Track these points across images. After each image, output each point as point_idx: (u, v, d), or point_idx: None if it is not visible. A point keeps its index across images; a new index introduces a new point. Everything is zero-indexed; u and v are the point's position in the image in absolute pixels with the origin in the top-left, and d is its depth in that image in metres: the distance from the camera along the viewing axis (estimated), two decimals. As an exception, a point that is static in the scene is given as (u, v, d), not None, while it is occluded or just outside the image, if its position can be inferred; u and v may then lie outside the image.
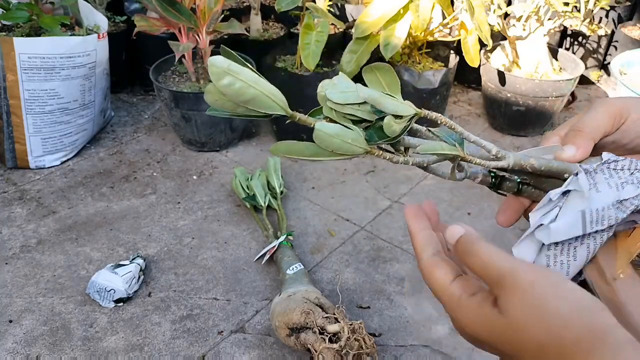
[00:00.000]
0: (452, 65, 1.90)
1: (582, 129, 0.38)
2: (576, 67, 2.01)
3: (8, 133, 1.64)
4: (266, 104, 0.33)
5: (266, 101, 0.33)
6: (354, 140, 0.35)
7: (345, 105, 0.35)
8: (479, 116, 2.20)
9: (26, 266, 1.34)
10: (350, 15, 2.33)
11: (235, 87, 0.32)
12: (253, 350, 1.14)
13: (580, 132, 0.38)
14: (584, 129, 0.38)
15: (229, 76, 0.31)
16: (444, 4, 1.72)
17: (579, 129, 0.39)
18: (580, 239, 0.33)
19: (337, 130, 0.34)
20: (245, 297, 1.28)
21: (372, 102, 0.35)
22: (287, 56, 1.92)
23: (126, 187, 1.66)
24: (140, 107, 2.14)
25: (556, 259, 0.33)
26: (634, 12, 2.65)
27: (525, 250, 0.34)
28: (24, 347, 1.13)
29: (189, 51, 1.72)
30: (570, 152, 0.38)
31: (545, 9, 1.89)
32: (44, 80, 1.58)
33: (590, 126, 0.38)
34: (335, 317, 1.04)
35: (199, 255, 1.40)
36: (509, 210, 0.42)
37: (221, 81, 0.31)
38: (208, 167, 1.77)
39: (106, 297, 1.22)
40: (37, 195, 1.60)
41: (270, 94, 0.33)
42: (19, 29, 1.73)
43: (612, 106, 0.39)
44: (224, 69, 0.31)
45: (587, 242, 0.33)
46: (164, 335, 1.17)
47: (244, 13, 2.27)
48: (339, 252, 1.42)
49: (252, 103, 0.33)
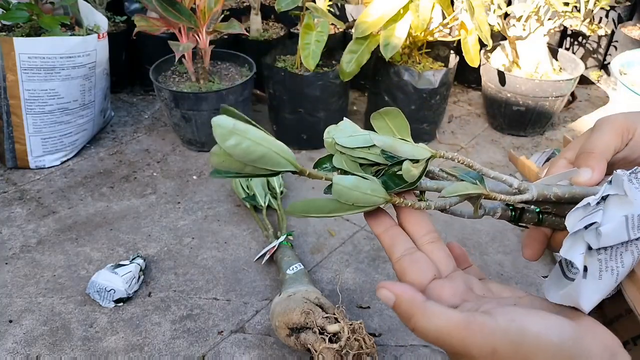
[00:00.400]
0: (452, 65, 1.90)
1: (593, 150, 0.37)
2: (576, 67, 2.01)
3: (8, 133, 1.64)
4: (275, 161, 0.32)
5: (275, 158, 0.32)
6: (374, 191, 0.33)
7: (355, 149, 0.34)
8: (479, 116, 2.20)
9: (26, 266, 1.34)
10: (350, 15, 2.33)
11: (242, 147, 0.30)
12: (253, 350, 1.14)
13: (592, 154, 0.37)
14: (595, 150, 0.37)
15: (236, 136, 0.30)
16: (444, 4, 1.72)
17: (590, 151, 0.38)
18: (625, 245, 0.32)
19: (355, 182, 0.33)
20: (245, 297, 1.28)
21: (388, 148, 0.34)
22: (287, 56, 1.92)
23: (126, 187, 1.66)
24: (140, 107, 2.14)
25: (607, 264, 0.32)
26: (634, 12, 2.65)
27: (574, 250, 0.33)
28: (24, 347, 1.13)
29: (189, 51, 1.72)
30: (587, 175, 0.37)
31: (545, 9, 1.89)
32: (44, 80, 1.58)
33: (600, 146, 0.37)
34: (335, 317, 1.04)
35: (199, 255, 1.40)
36: (534, 243, 0.41)
37: (227, 142, 0.30)
38: (208, 167, 1.77)
39: (106, 297, 1.22)
40: (37, 195, 1.60)
41: (279, 151, 0.32)
42: (19, 29, 1.73)
43: (617, 123, 0.38)
44: (229, 129, 0.30)
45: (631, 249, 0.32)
46: (164, 335, 1.17)
47: (244, 13, 2.27)
48: (339, 252, 1.43)
49: (261, 161, 0.31)
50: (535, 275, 1.38)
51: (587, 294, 0.32)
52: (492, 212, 0.38)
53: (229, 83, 1.81)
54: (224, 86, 1.78)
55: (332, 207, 0.34)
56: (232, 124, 0.30)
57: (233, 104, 1.77)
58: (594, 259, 0.32)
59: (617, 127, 0.38)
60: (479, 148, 1.97)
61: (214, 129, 0.30)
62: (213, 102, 1.73)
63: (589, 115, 2.27)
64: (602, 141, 0.38)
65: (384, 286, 0.30)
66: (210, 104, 1.73)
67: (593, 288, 0.32)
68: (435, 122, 1.97)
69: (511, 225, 1.55)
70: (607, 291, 0.32)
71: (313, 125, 1.84)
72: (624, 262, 0.32)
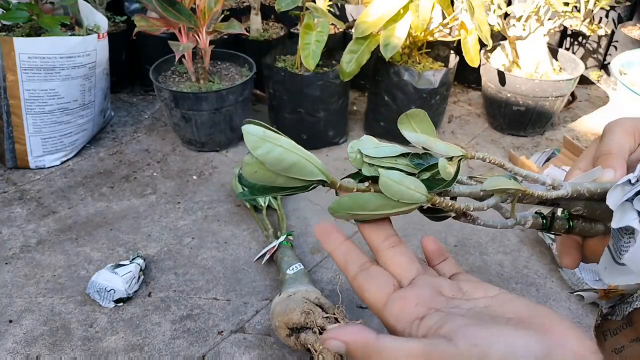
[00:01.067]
0: (452, 65, 1.90)
1: (610, 151, 0.37)
2: (576, 67, 2.01)
3: (8, 133, 1.64)
4: (308, 170, 0.31)
5: (308, 167, 0.31)
6: (417, 187, 0.32)
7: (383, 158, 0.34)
8: (479, 116, 2.20)
9: (26, 266, 1.34)
10: (350, 15, 2.33)
11: (274, 154, 0.29)
12: (253, 350, 1.14)
13: (610, 155, 0.37)
14: (612, 150, 0.37)
15: (268, 143, 0.29)
16: (444, 4, 1.72)
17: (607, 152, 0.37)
18: None
19: (400, 177, 0.32)
20: (245, 297, 1.28)
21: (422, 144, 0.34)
22: (287, 56, 1.92)
23: (126, 187, 1.66)
24: (140, 107, 2.14)
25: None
26: (634, 12, 2.65)
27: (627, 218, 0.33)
28: (24, 347, 1.13)
29: (189, 51, 1.72)
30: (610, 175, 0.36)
31: (545, 9, 1.89)
32: (44, 80, 1.58)
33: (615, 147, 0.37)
34: (335, 317, 1.04)
35: (199, 255, 1.40)
36: (570, 250, 0.40)
37: (259, 150, 0.29)
38: (208, 167, 1.77)
39: (106, 297, 1.22)
40: (37, 195, 1.60)
41: (310, 159, 0.31)
42: (19, 29, 1.73)
43: (626, 125, 0.38)
44: (261, 137, 0.29)
45: None
46: (164, 335, 1.17)
47: (244, 13, 2.27)
48: (339, 252, 1.42)
49: (293, 170, 0.30)
50: (535, 276, 1.38)
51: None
52: (524, 222, 0.38)
53: (229, 83, 1.81)
54: (224, 86, 1.78)
55: (378, 204, 0.33)
56: (263, 131, 0.29)
57: (233, 104, 1.77)
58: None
59: (627, 128, 0.38)
60: (479, 148, 1.97)
61: (245, 136, 0.29)
62: (213, 102, 1.73)
63: (589, 115, 2.27)
64: (616, 142, 0.38)
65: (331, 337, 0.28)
66: (210, 104, 1.73)
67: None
68: (435, 122, 1.97)
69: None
70: None
71: (313, 125, 1.84)
72: None
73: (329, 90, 1.77)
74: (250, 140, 0.29)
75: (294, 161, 0.30)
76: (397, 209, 0.33)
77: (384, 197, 0.32)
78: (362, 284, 0.33)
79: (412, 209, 0.33)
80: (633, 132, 0.38)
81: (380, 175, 0.32)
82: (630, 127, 0.38)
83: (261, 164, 0.29)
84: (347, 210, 0.33)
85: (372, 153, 0.34)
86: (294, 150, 0.30)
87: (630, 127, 0.38)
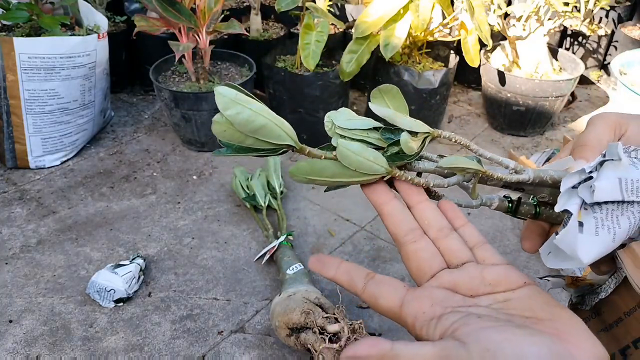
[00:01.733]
0: (452, 65, 1.90)
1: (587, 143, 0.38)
2: (576, 67, 2.01)
3: (8, 133, 1.64)
4: (276, 134, 0.32)
5: (276, 130, 0.32)
6: (376, 159, 0.34)
7: (355, 130, 0.35)
8: (479, 116, 2.20)
9: (26, 266, 1.34)
10: (350, 15, 2.33)
11: (244, 116, 0.31)
12: (253, 350, 1.14)
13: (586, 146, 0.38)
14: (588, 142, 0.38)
15: (238, 105, 0.31)
16: (444, 4, 1.72)
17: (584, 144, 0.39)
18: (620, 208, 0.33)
19: (360, 148, 0.33)
20: (245, 297, 1.28)
21: (388, 118, 0.35)
22: (287, 56, 1.92)
23: (126, 187, 1.66)
24: (140, 107, 2.14)
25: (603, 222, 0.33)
26: (634, 12, 2.65)
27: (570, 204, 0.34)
28: (24, 347, 1.13)
29: (189, 51, 1.72)
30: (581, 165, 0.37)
31: (545, 9, 1.89)
32: (44, 80, 1.58)
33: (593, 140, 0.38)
34: (335, 317, 1.04)
35: (199, 255, 1.40)
36: (533, 235, 0.41)
37: (229, 110, 0.31)
38: (208, 167, 1.77)
39: (106, 297, 1.22)
40: (37, 195, 1.60)
41: (280, 123, 0.32)
42: (19, 29, 1.73)
43: (609, 119, 0.39)
44: (232, 98, 0.31)
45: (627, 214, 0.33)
46: (164, 335, 1.17)
47: (244, 13, 2.27)
48: (339, 252, 1.42)
49: (261, 132, 0.32)
50: (535, 275, 1.38)
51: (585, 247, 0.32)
52: (489, 203, 0.38)
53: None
54: (224, 86, 1.77)
55: (335, 171, 0.34)
56: (235, 93, 0.31)
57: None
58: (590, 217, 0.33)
59: (609, 122, 0.39)
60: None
61: (216, 97, 0.30)
62: (213, 102, 1.72)
63: (589, 115, 2.26)
64: (595, 135, 0.39)
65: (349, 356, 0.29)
66: (210, 104, 1.73)
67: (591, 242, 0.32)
68: (435, 122, 1.97)
69: (511, 225, 1.55)
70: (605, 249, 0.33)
71: (313, 125, 1.84)
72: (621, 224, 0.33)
73: (329, 90, 1.77)
74: (221, 101, 0.30)
75: (262, 124, 0.31)
76: (355, 178, 0.34)
77: (342, 166, 0.34)
78: (373, 293, 0.33)
79: (370, 179, 0.34)
80: (614, 127, 0.39)
81: (338, 146, 0.33)
82: (613, 122, 0.39)
83: (230, 124, 0.31)
84: (304, 174, 0.35)
85: (344, 124, 0.35)
86: (263, 113, 0.31)
87: (613, 121, 0.39)
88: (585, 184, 0.33)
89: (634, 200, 0.33)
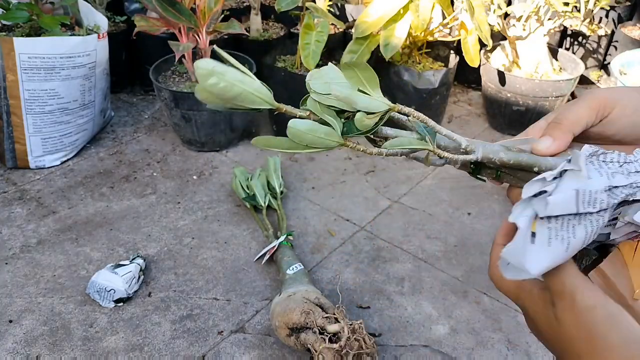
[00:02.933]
0: (452, 65, 1.90)
1: (562, 122, 0.39)
2: (576, 67, 2.01)
3: (8, 133, 1.64)
4: (251, 100, 0.36)
5: (251, 97, 0.36)
6: (327, 135, 0.37)
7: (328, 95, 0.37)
8: (479, 116, 2.20)
9: (26, 266, 1.34)
10: (350, 15, 2.33)
11: (220, 87, 0.34)
12: (253, 350, 1.14)
13: (559, 125, 0.38)
14: (563, 121, 0.39)
15: (214, 77, 0.34)
16: (444, 4, 1.72)
17: (558, 122, 0.39)
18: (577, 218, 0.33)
19: (310, 126, 0.37)
20: (245, 297, 1.28)
21: (344, 100, 0.37)
22: (287, 56, 1.92)
23: (126, 187, 1.66)
24: (140, 107, 2.14)
25: (557, 233, 0.33)
26: (634, 12, 2.65)
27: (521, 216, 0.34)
28: (24, 347, 1.13)
29: (189, 51, 1.72)
30: (546, 143, 0.38)
31: (545, 9, 1.89)
32: (44, 80, 1.58)
33: (570, 119, 0.38)
34: (335, 317, 1.04)
35: (199, 255, 1.40)
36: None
37: (207, 82, 0.34)
38: (208, 167, 1.77)
39: (106, 297, 1.22)
40: (37, 195, 1.60)
41: (255, 91, 0.36)
42: (19, 29, 1.73)
43: (596, 99, 0.39)
44: (209, 70, 0.33)
45: (584, 224, 0.33)
46: (164, 335, 1.17)
47: (244, 13, 2.27)
48: (339, 252, 1.43)
49: (237, 100, 0.35)
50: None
51: (536, 258, 0.33)
52: (454, 163, 0.40)
53: (229, 83, 1.81)
54: (224, 86, 1.78)
55: (289, 145, 0.38)
56: (212, 66, 0.33)
57: (233, 104, 1.77)
58: (544, 227, 0.33)
59: (594, 102, 0.39)
60: (479, 148, 1.97)
61: (195, 69, 0.33)
62: (213, 102, 1.72)
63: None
64: (574, 114, 0.39)
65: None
66: (210, 104, 1.73)
67: (542, 254, 0.33)
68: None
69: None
70: (558, 259, 0.33)
71: (313, 125, 1.83)
72: (576, 234, 0.33)
73: (329, 90, 1.77)
74: (200, 73, 0.33)
75: (238, 93, 0.35)
76: (309, 150, 0.38)
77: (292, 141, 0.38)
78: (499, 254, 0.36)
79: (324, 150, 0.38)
80: (599, 107, 0.39)
81: (289, 127, 0.37)
82: (599, 102, 0.39)
83: (210, 93, 0.34)
84: (264, 145, 0.39)
85: (319, 89, 0.38)
86: (238, 83, 0.35)
87: (600, 101, 0.39)
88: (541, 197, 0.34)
89: (590, 211, 0.33)
